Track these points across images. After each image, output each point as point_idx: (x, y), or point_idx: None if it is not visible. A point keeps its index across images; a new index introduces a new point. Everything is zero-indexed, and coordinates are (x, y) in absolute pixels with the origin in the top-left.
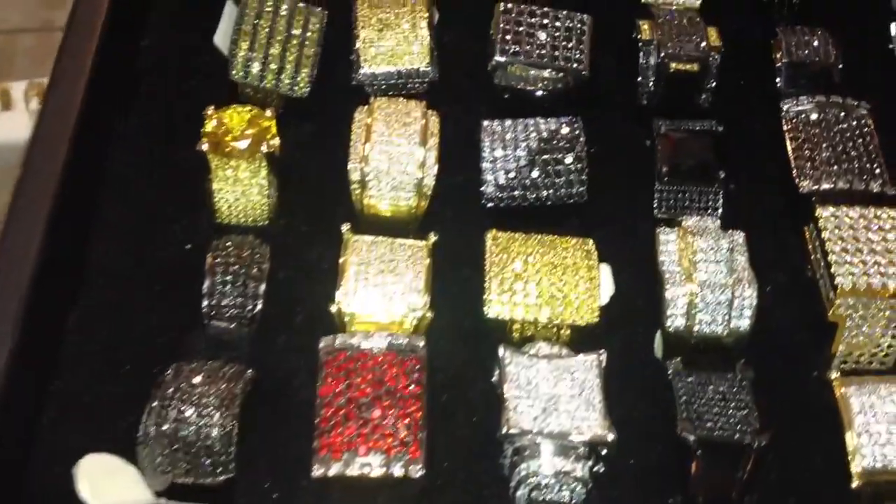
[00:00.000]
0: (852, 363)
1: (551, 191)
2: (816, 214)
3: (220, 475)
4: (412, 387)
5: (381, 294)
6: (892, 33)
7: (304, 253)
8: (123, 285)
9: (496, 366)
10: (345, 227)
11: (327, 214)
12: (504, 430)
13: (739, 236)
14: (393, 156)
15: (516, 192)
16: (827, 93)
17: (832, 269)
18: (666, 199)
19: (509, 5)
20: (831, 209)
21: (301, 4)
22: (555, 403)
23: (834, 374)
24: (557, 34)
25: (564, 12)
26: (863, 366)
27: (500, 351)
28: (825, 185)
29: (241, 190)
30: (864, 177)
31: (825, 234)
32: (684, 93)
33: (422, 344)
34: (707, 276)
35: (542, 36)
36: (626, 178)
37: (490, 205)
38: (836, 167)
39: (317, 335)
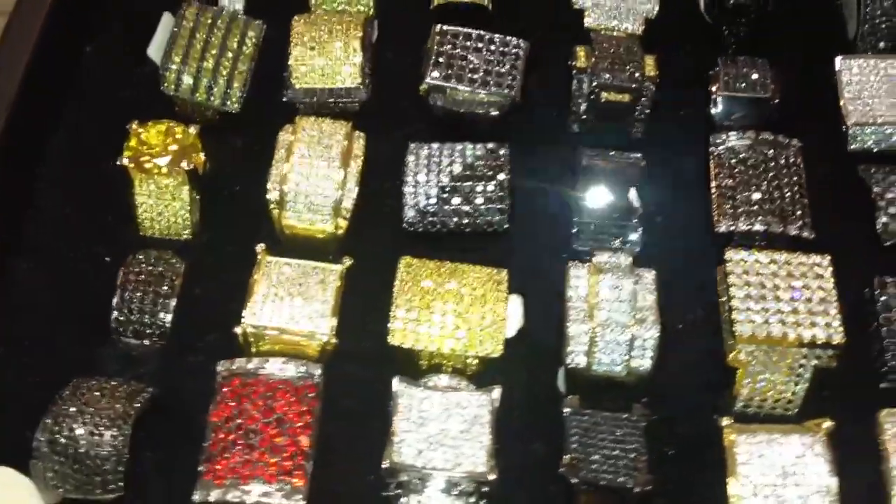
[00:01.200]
0: (755, 407)
1: (472, 219)
2: (726, 257)
3: (109, 493)
4: (303, 415)
5: (289, 317)
6: (837, 67)
7: (224, 271)
8: (43, 297)
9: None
10: (259, 247)
11: (251, 233)
12: (386, 463)
13: (650, 274)
14: (311, 177)
15: (437, 218)
16: (759, 128)
17: (733, 315)
18: (584, 231)
19: (446, 27)
20: (742, 253)
21: (242, 17)
22: (442, 438)
23: (725, 421)
24: (492, 58)
25: (501, 37)
26: (766, 411)
27: (395, 382)
28: (742, 227)
29: (164, 204)
30: (784, 219)
31: (731, 279)
32: (616, 122)
33: (318, 371)
34: (608, 315)
35: (476, 59)
36: (552, 208)
37: (411, 229)
38: (756, 207)
39: (226, 355)
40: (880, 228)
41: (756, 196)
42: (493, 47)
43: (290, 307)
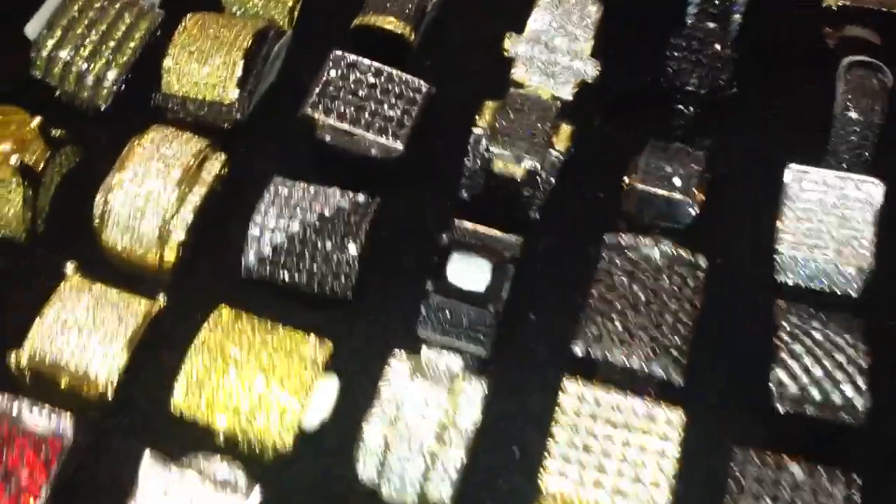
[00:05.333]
0: None
1: (313, 278)
2: (562, 386)
3: None
4: (35, 475)
5: (71, 353)
6: (785, 179)
7: (49, 283)
8: None
9: None
10: (69, 266)
11: (84, 245)
12: None
13: (480, 388)
14: (135, 195)
15: (276, 271)
16: (672, 234)
17: (544, 462)
18: (431, 317)
19: (343, 53)
20: (579, 386)
21: (143, 2)
22: None
23: None
24: (384, 97)
25: (402, 75)
26: None
27: (145, 455)
28: (596, 353)
29: None
30: (653, 355)
31: (557, 415)
32: (508, 196)
33: (71, 428)
34: (407, 427)
35: (366, 96)
36: (415, 279)
37: (246, 276)
38: (622, 334)
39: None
40: (773, 388)
41: (630, 320)
42: (390, 86)
43: (77, 341)
